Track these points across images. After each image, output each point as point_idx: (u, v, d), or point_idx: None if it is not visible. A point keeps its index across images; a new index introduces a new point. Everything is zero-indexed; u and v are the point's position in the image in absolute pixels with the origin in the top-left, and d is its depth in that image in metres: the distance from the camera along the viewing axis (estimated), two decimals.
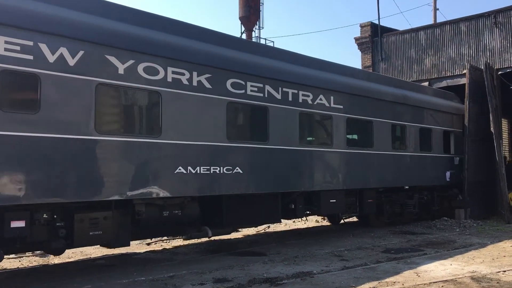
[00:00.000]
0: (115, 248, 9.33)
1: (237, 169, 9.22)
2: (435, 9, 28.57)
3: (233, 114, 9.45)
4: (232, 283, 7.30)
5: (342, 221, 15.36)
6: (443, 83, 19.59)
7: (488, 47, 18.41)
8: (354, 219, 15.28)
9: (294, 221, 15.91)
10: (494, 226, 14.24)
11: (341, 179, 11.66)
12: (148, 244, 11.32)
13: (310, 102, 10.92)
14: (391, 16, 67.13)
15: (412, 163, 14.13)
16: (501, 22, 18.13)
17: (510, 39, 17.89)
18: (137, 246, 11.05)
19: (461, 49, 19.13)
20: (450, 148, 16.13)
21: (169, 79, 8.31)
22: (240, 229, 12.72)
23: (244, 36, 29.28)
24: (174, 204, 8.60)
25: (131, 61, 7.82)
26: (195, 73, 8.67)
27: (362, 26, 22.10)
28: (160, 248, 10.89)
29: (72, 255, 10.11)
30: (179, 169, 8.34)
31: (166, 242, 11.70)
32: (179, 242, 11.76)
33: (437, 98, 16.12)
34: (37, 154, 6.73)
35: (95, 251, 10.38)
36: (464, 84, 17.02)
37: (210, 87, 8.88)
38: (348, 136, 11.97)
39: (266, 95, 9.93)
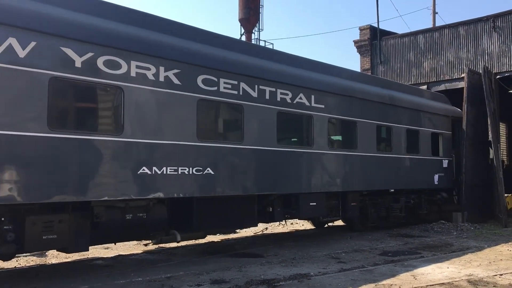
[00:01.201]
0: (111, 249, 9.32)
1: (208, 170, 8.75)
2: (434, 13, 28.72)
3: (205, 112, 8.96)
4: (229, 284, 7.30)
5: (326, 225, 14.94)
6: (442, 87, 19.66)
7: (486, 51, 18.47)
8: (340, 222, 14.83)
9: (292, 223, 15.92)
10: (491, 230, 14.26)
11: (322, 181, 11.22)
12: (146, 245, 11.31)
13: (289, 101, 10.46)
14: (390, 19, 67.43)
15: (398, 165, 13.72)
16: (499, 26, 18.21)
17: (509, 43, 17.96)
18: (134, 247, 11.05)
19: (460, 53, 19.19)
20: (438, 150, 15.74)
21: (133, 74, 7.80)
22: (216, 234, 12.13)
23: (243, 38, 29.32)
24: (138, 206, 8.10)
25: (89, 54, 7.30)
26: (162, 68, 8.18)
27: (361, 29, 22.17)
28: (158, 249, 10.88)
29: (69, 255, 10.09)
30: (143, 170, 7.83)
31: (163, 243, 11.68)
32: (176, 243, 11.75)
33: (426, 99, 15.77)
34: None
35: (93, 252, 10.37)
36: (462, 88, 17.08)
37: (178, 83, 8.41)
38: (330, 136, 11.59)
39: (241, 93, 9.46)
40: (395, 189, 13.85)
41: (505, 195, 16.53)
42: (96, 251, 10.40)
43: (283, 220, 11.96)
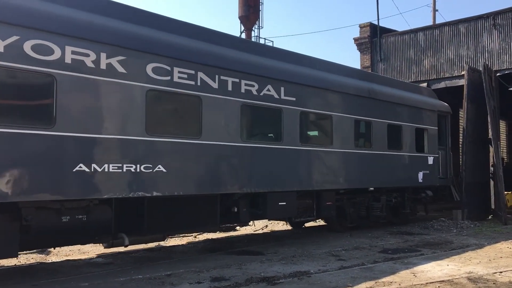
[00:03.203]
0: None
1: (159, 168, 8.01)
2: (434, 10, 28.69)
3: (155, 104, 8.15)
4: (230, 282, 7.31)
5: (303, 226, 14.30)
6: (442, 84, 19.65)
7: (486, 49, 18.45)
8: (322, 222, 14.20)
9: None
10: (491, 227, 14.27)
11: (293, 179, 10.48)
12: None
13: (255, 92, 9.69)
14: (390, 17, 67.22)
15: (378, 162, 12.93)
16: (500, 23, 18.17)
17: (509, 40, 17.93)
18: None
19: (460, 51, 19.17)
20: (423, 146, 14.96)
21: (68, 61, 7.02)
22: (171, 236, 11.41)
23: (243, 36, 29.30)
24: (76, 208, 7.30)
25: (14, 37, 6.54)
26: (103, 55, 7.38)
27: (361, 26, 22.13)
28: (158, 247, 10.89)
29: (69, 252, 10.11)
30: (80, 167, 7.04)
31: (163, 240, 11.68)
32: (176, 240, 11.78)
33: (410, 93, 14.95)
34: None
35: (93, 249, 10.39)
36: (462, 86, 17.08)
37: (123, 71, 7.62)
38: (302, 132, 10.78)
39: (199, 83, 8.68)
40: (376, 188, 13.17)
41: (505, 192, 16.54)
42: (96, 249, 10.42)
43: (251, 221, 11.12)
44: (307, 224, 14.47)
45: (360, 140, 12.72)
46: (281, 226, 15.06)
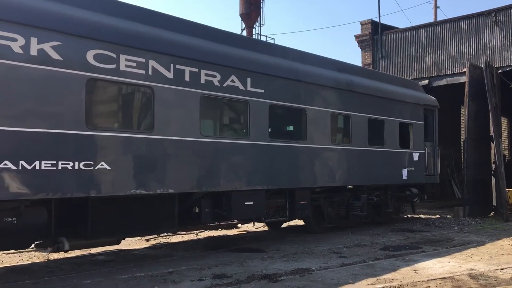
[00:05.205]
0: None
1: (102, 165, 7.24)
2: (436, 7, 28.67)
3: (98, 95, 7.50)
4: (231, 279, 7.33)
5: (286, 225, 13.67)
6: (443, 81, 19.63)
7: (488, 46, 18.42)
8: (301, 222, 13.25)
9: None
10: (493, 224, 14.27)
11: (261, 177, 9.77)
12: (147, 240, 11.34)
13: (217, 83, 8.97)
14: (391, 14, 67.13)
15: (357, 159, 12.23)
16: (501, 20, 18.14)
17: (510, 37, 17.91)
18: (136, 242, 11.07)
19: (462, 47, 19.14)
20: (408, 142, 14.24)
21: None
22: (125, 238, 9.76)
23: (244, 33, 29.27)
24: (2, 210, 6.57)
25: None
26: (34, 40, 6.62)
27: (362, 23, 22.11)
28: (160, 244, 10.91)
29: (71, 250, 10.12)
30: (5, 164, 6.32)
31: (165, 238, 11.72)
32: (178, 238, 11.79)
33: (393, 86, 14.17)
34: None
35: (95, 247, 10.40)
36: (464, 83, 17.06)
37: (59, 58, 6.87)
38: (271, 126, 10.04)
39: (150, 73, 7.96)
40: (355, 186, 12.46)
41: (507, 189, 16.54)
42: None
43: (214, 222, 10.20)
44: (287, 224, 13.89)
45: (338, 135, 12.15)
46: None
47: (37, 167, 6.59)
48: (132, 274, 7.71)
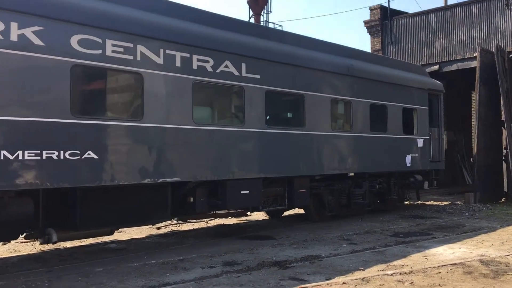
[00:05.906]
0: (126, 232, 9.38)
1: (89, 154, 7.02)
2: None
3: (83, 82, 7.29)
4: (241, 266, 7.38)
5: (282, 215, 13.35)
6: (454, 66, 19.41)
7: (499, 30, 18.15)
8: (301, 211, 13.11)
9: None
10: (504, 210, 14.19)
11: (258, 165, 9.53)
12: (158, 228, 11.43)
13: (210, 69, 8.67)
14: None
15: (359, 146, 11.91)
16: None
17: None
18: (147, 230, 11.17)
19: (472, 32, 18.88)
20: (412, 128, 13.88)
21: None
22: (118, 229, 9.87)
23: (252, 20, 29.10)
24: None
25: None
26: (14, 25, 6.36)
27: (371, 9, 21.87)
28: (170, 232, 11.00)
29: (60, 242, 10.23)
30: None
31: (176, 226, 11.81)
32: (188, 226, 11.88)
33: (397, 70, 13.77)
34: None
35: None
36: (475, 68, 16.87)
37: (41, 44, 6.61)
38: (268, 112, 9.83)
39: (139, 58, 7.67)
40: (357, 173, 12.13)
41: None
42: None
43: (209, 212, 9.96)
44: (292, 212, 13.74)
45: (338, 121, 11.84)
46: (292, 211, 15.09)
47: (20, 157, 6.37)
48: (143, 261, 7.79)
